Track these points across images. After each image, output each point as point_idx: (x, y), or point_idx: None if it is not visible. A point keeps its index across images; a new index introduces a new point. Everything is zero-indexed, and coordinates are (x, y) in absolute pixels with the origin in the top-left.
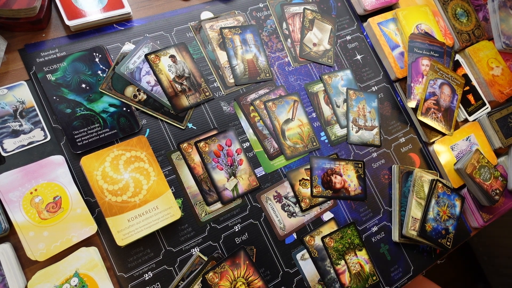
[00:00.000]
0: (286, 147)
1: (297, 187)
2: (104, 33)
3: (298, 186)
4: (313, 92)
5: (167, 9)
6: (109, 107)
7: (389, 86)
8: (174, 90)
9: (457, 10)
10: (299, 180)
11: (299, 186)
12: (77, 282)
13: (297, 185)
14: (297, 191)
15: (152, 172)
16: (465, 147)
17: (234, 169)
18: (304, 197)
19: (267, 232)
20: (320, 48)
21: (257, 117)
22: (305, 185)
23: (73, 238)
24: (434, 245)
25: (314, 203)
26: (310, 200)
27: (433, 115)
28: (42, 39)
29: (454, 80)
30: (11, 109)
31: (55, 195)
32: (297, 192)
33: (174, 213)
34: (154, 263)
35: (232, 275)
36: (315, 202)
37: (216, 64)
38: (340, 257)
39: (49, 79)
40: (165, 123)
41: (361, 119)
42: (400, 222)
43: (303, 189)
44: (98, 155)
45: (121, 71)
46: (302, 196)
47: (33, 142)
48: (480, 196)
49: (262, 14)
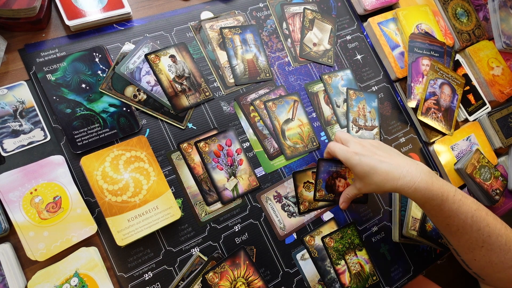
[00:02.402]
0: (286, 147)
1: (300, 189)
2: (104, 33)
3: (301, 188)
4: (313, 92)
5: (167, 9)
6: (109, 107)
7: (389, 86)
8: (174, 90)
9: (457, 10)
10: (304, 182)
11: (302, 188)
12: (77, 282)
13: (301, 187)
14: (299, 192)
15: (152, 172)
16: (465, 147)
17: (234, 169)
18: (304, 199)
19: (267, 232)
20: (320, 48)
21: (257, 117)
22: (308, 188)
23: (73, 238)
24: (434, 245)
25: (313, 207)
26: (309, 203)
27: (433, 115)
28: (42, 39)
29: (455, 80)
30: (11, 109)
31: (55, 195)
32: (299, 194)
33: (174, 213)
34: (154, 263)
35: (232, 275)
36: (314, 206)
37: (216, 64)
38: (340, 257)
39: (49, 79)
40: (165, 123)
41: (361, 119)
42: (400, 222)
43: (306, 192)
44: (98, 155)
45: (121, 71)
46: (302, 199)
47: (33, 142)
48: (480, 196)
49: (262, 14)
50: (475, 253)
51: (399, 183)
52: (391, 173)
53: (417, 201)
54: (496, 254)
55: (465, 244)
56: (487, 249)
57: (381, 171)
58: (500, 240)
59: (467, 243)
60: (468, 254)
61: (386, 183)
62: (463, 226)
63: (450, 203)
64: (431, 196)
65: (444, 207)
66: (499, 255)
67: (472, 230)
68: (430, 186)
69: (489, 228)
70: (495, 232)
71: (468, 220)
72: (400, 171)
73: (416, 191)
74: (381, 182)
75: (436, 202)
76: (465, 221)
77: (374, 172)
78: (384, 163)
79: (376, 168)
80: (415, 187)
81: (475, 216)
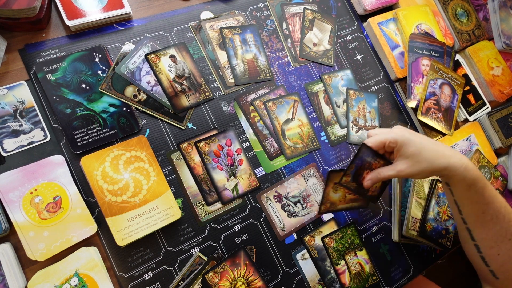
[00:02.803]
0: (286, 147)
1: (329, 189)
2: (104, 33)
3: (330, 188)
4: (313, 92)
5: (167, 9)
6: (109, 107)
7: (389, 86)
8: (174, 90)
9: (457, 10)
10: (335, 183)
11: (331, 189)
12: (77, 282)
13: (330, 186)
14: (326, 192)
15: (152, 172)
16: (465, 147)
17: (234, 169)
18: (327, 200)
19: (267, 232)
20: (320, 48)
21: (257, 117)
22: (335, 190)
23: (73, 238)
24: (434, 245)
25: (333, 209)
26: (331, 205)
27: (433, 115)
28: (42, 39)
29: (454, 80)
30: (11, 109)
31: (55, 195)
32: (326, 193)
33: (174, 213)
34: (154, 263)
35: (232, 275)
36: (333, 208)
37: (216, 64)
38: (340, 257)
39: (49, 79)
40: (165, 123)
41: (361, 119)
42: (400, 222)
43: (332, 193)
44: (98, 155)
45: (121, 71)
46: (327, 199)
47: (33, 142)
48: None
49: (262, 14)
50: (501, 246)
51: (452, 160)
52: (443, 150)
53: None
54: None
55: (493, 236)
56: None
57: (433, 148)
58: None
59: (496, 234)
60: (493, 248)
61: (438, 159)
62: (497, 216)
63: (490, 188)
64: (477, 177)
65: (486, 191)
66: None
67: (504, 220)
68: (475, 167)
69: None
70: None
71: (502, 209)
72: (449, 150)
73: (466, 170)
74: (433, 158)
75: (481, 185)
76: (500, 210)
77: (426, 149)
78: (434, 142)
79: (428, 145)
80: (465, 166)
81: (507, 207)
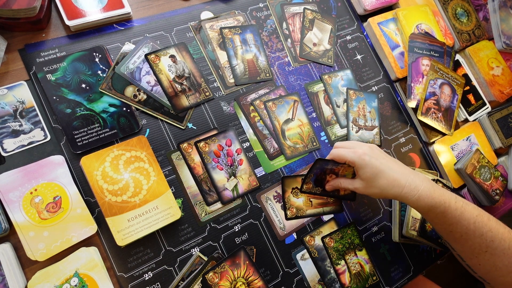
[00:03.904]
0: (286, 147)
1: (288, 194)
2: (104, 33)
3: (289, 193)
4: (313, 92)
5: (167, 9)
6: (109, 107)
7: (389, 86)
8: (174, 90)
9: (457, 10)
10: (292, 188)
11: (290, 194)
12: (77, 282)
13: (289, 192)
14: (286, 198)
15: (152, 172)
16: (465, 147)
17: (234, 169)
18: (292, 205)
19: (267, 232)
20: (320, 48)
21: (257, 117)
22: (296, 195)
23: (73, 238)
24: (434, 245)
25: (301, 214)
26: (297, 210)
27: (433, 115)
28: (42, 39)
29: (454, 80)
30: (11, 109)
31: (55, 195)
32: (286, 199)
33: (174, 213)
34: (154, 263)
35: (232, 275)
36: (301, 213)
37: (216, 64)
38: (340, 257)
39: (49, 79)
40: (165, 123)
41: (361, 119)
42: (400, 222)
43: (293, 198)
44: (98, 155)
45: (121, 71)
46: (290, 204)
47: (33, 142)
48: (480, 196)
49: (262, 14)
50: (479, 258)
51: (404, 191)
52: (398, 180)
53: (420, 210)
54: (500, 259)
55: (469, 250)
56: (491, 254)
57: (389, 176)
58: (503, 244)
59: (470, 248)
60: (473, 260)
61: (391, 189)
62: (466, 232)
63: (452, 210)
64: (434, 204)
65: (447, 214)
66: (503, 259)
67: (475, 235)
68: (433, 193)
69: (491, 233)
70: (498, 237)
71: (471, 226)
72: (405, 179)
73: (419, 199)
74: (387, 187)
75: (439, 210)
76: (468, 227)
77: (381, 176)
78: (392, 169)
79: (384, 172)
80: (418, 195)
81: (477, 222)
